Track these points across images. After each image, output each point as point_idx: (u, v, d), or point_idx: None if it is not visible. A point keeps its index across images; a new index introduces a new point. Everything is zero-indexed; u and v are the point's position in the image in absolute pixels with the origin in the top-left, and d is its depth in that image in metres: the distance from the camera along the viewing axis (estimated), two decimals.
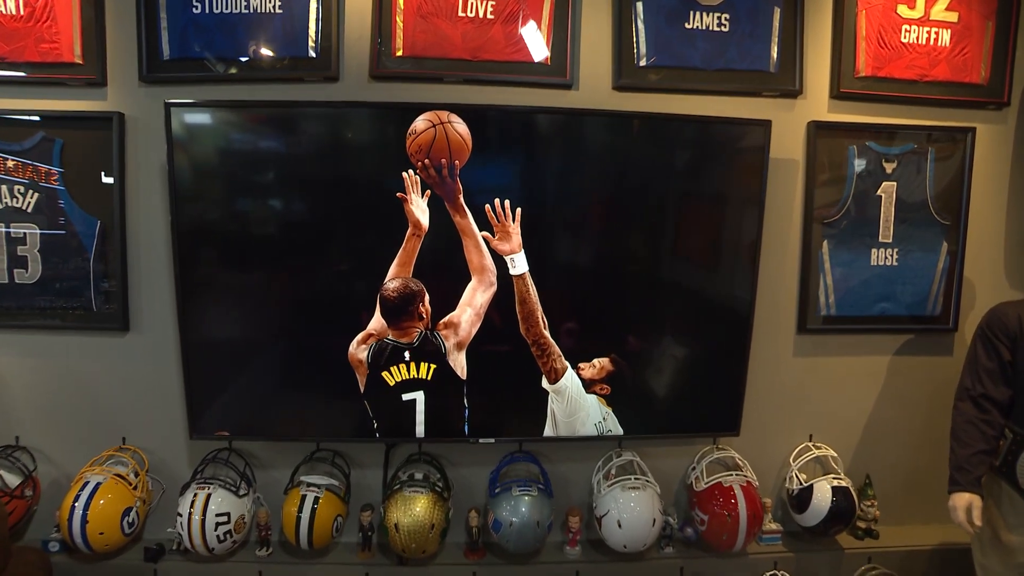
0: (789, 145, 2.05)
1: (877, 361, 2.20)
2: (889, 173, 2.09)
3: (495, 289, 1.83)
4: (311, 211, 1.84)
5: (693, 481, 2.06)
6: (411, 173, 1.76)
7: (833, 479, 2.02)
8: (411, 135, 1.74)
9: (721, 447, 2.11)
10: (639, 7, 1.96)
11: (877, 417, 2.21)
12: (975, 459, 1.66)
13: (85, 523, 1.77)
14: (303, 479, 1.94)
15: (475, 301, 1.82)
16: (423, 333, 1.83)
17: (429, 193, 1.78)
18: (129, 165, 1.92)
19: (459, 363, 1.86)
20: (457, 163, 1.76)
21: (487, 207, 1.79)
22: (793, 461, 2.13)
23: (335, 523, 1.90)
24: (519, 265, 1.82)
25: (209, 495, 1.85)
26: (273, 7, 1.87)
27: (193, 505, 1.83)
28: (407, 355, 1.84)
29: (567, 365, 1.90)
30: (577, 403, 1.92)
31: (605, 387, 1.94)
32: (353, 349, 1.84)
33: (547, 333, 1.87)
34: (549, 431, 1.94)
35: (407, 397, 1.86)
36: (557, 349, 1.88)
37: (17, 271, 1.92)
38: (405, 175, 1.76)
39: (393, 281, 1.81)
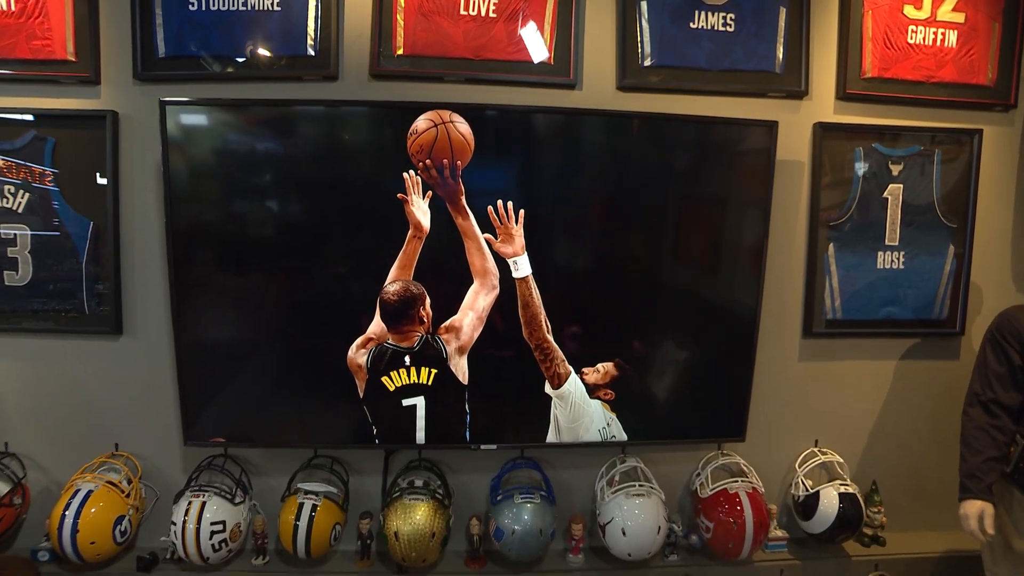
0: (795, 146, 2.03)
1: (883, 365, 2.17)
2: (895, 175, 2.07)
3: (497, 292, 1.80)
4: (310, 212, 1.81)
5: (698, 487, 2.03)
6: (412, 174, 1.73)
7: (840, 485, 1.99)
8: (412, 135, 1.71)
9: (726, 453, 2.08)
10: (643, 6, 1.93)
11: (883, 422, 2.19)
12: (986, 466, 1.64)
13: (76, 532, 1.73)
14: (300, 486, 1.91)
15: (477, 305, 1.79)
16: (424, 337, 1.80)
17: (430, 194, 1.75)
18: (123, 165, 1.88)
19: (460, 368, 1.82)
20: (459, 163, 1.72)
21: (489, 209, 1.76)
22: (799, 467, 2.10)
23: (333, 531, 1.87)
24: (522, 268, 1.79)
25: (204, 503, 1.81)
26: (271, 4, 1.83)
27: (187, 513, 1.80)
28: (407, 360, 1.80)
29: (571, 370, 1.87)
30: (581, 409, 1.89)
31: (609, 392, 1.91)
32: (352, 353, 1.80)
33: (550, 337, 1.84)
34: (552, 437, 1.91)
35: (407, 402, 1.83)
36: (560, 354, 1.85)
37: (7, 273, 1.88)
38: (406, 176, 1.73)
39: (393, 284, 1.77)
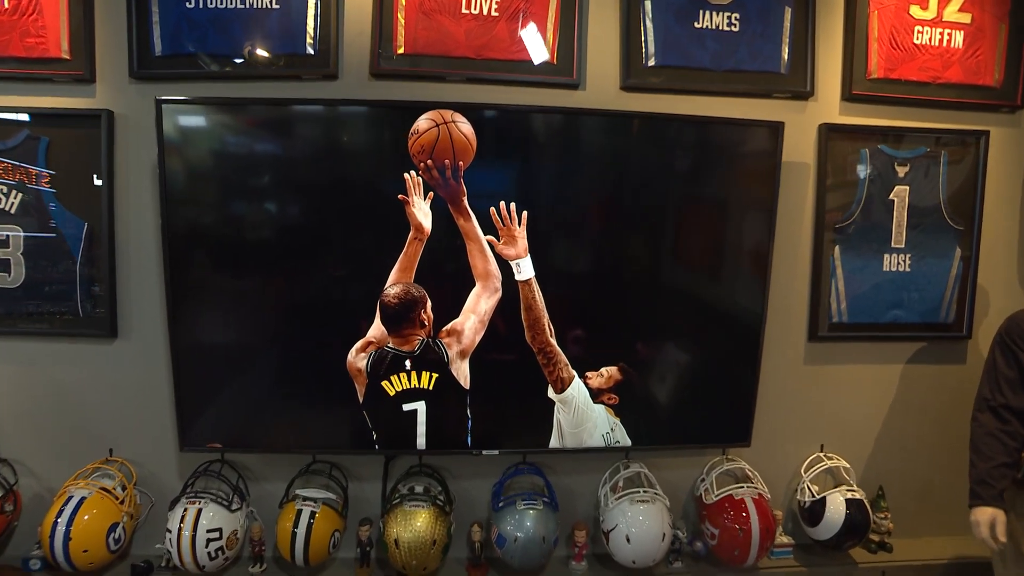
0: (800, 148, 2.01)
1: (889, 369, 2.15)
2: (901, 177, 2.05)
3: (500, 295, 1.77)
4: (308, 213, 1.78)
5: (703, 493, 2.00)
6: (413, 174, 1.70)
7: (846, 491, 1.96)
8: (413, 135, 1.68)
9: (731, 458, 2.05)
10: (648, 6, 1.91)
11: (889, 427, 2.17)
12: (997, 472, 1.61)
13: (68, 540, 1.69)
14: (299, 492, 1.87)
15: (479, 308, 1.76)
16: (425, 341, 1.77)
17: (432, 195, 1.72)
18: (118, 165, 1.85)
19: (462, 372, 1.79)
20: (461, 164, 1.70)
21: (492, 210, 1.74)
22: (804, 472, 2.07)
23: (332, 538, 1.84)
24: (525, 270, 1.76)
25: (200, 509, 1.78)
26: (270, 2, 1.81)
27: (183, 520, 1.76)
28: (408, 364, 1.77)
29: (574, 374, 1.84)
30: (584, 413, 1.86)
31: (613, 397, 1.88)
32: (352, 357, 1.77)
33: (553, 341, 1.81)
34: (555, 442, 1.88)
35: (407, 407, 1.79)
36: (564, 357, 1.82)
37: None
38: (407, 176, 1.70)
39: (394, 287, 1.74)
